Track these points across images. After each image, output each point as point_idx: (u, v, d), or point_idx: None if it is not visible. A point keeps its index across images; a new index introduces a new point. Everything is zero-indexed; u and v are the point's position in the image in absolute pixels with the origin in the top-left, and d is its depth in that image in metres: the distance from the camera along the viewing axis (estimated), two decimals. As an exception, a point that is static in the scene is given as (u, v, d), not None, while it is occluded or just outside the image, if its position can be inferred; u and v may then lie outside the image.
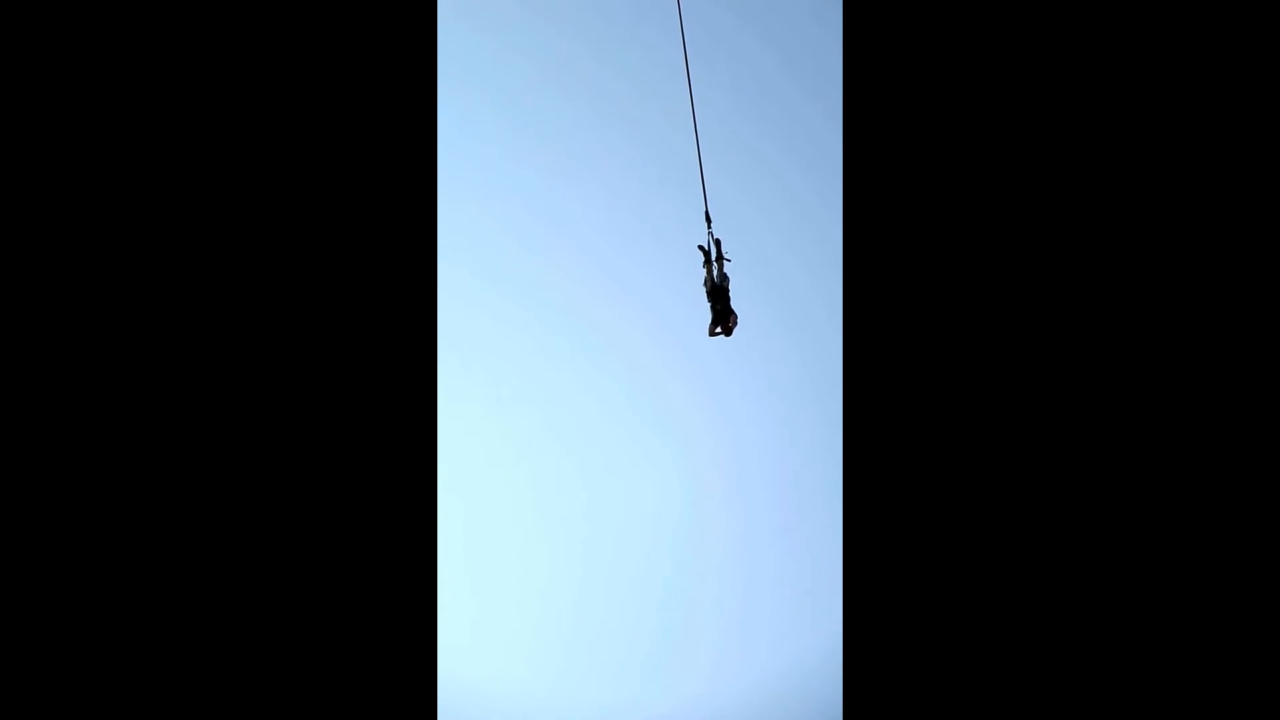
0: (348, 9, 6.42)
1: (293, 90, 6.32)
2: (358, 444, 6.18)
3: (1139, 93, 6.24)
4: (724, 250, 10.44)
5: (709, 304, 10.37)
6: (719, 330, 10.44)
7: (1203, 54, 6.17)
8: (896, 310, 6.35)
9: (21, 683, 5.75)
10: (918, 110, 6.41)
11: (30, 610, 5.80)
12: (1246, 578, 5.85)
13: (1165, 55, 6.21)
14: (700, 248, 10.56)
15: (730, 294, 10.34)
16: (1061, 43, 6.32)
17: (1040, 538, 6.07)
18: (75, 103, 6.12)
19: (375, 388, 6.26)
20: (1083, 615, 5.97)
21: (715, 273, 10.38)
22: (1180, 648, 5.87)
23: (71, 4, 6.14)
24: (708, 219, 10.51)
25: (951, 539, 6.14)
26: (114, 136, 6.13)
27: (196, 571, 5.96)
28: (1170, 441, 5.99)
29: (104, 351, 6.01)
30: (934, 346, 6.30)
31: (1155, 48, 6.23)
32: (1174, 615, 5.89)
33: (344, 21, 6.42)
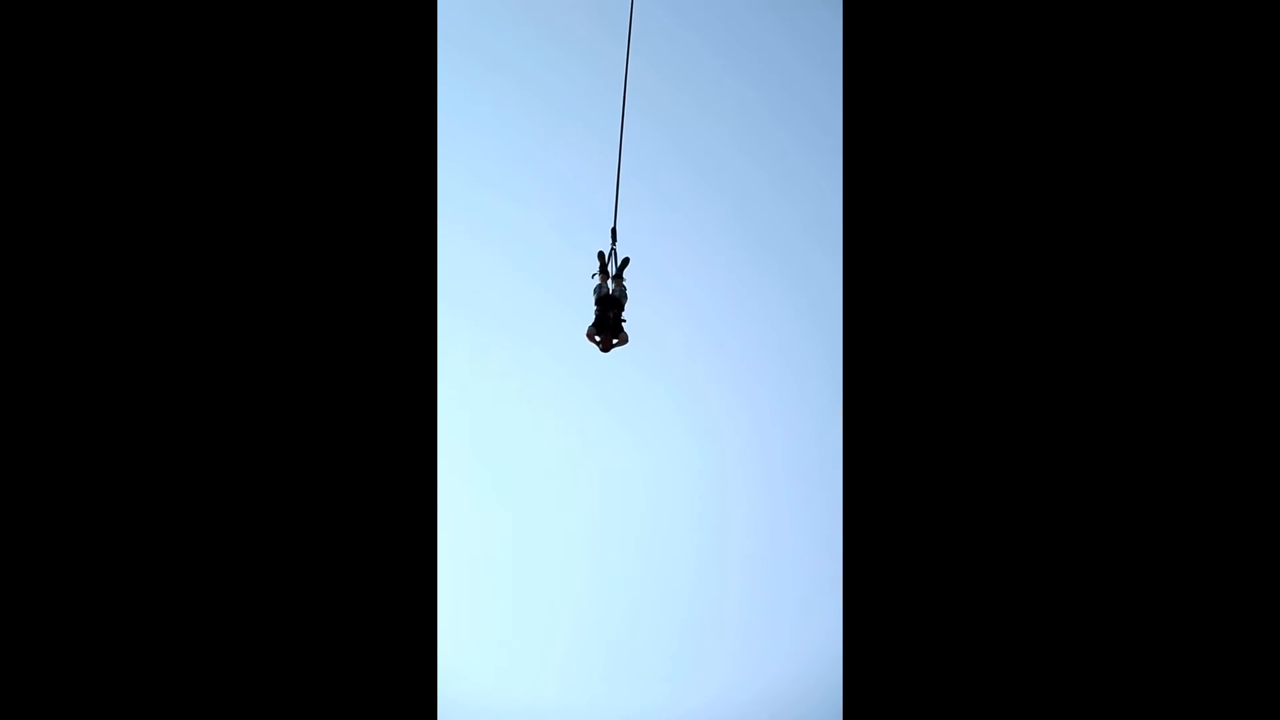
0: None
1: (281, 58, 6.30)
2: (357, 440, 6.23)
3: (1139, 90, 6.33)
4: (624, 272, 10.49)
5: (594, 307, 10.36)
6: (597, 339, 10.33)
7: (1203, 53, 6.22)
8: (897, 309, 6.46)
9: (21, 682, 5.82)
10: (918, 107, 6.48)
11: (29, 610, 5.88)
12: (1247, 578, 5.90)
13: (1165, 54, 6.23)
14: (600, 254, 10.54)
15: (625, 312, 10.28)
16: (1061, 41, 6.33)
17: (1043, 538, 6.11)
18: (73, 102, 6.19)
19: (375, 381, 6.31)
20: (1083, 616, 6.03)
21: (612, 287, 10.39)
22: (1180, 647, 5.92)
23: (71, 3, 6.22)
24: (613, 235, 10.69)
25: (951, 540, 6.24)
26: (109, 132, 6.20)
27: (195, 572, 6.03)
28: (1170, 439, 6.04)
29: (103, 352, 6.08)
30: (934, 346, 6.38)
31: (1156, 46, 6.23)
32: (1174, 614, 5.94)
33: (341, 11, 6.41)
